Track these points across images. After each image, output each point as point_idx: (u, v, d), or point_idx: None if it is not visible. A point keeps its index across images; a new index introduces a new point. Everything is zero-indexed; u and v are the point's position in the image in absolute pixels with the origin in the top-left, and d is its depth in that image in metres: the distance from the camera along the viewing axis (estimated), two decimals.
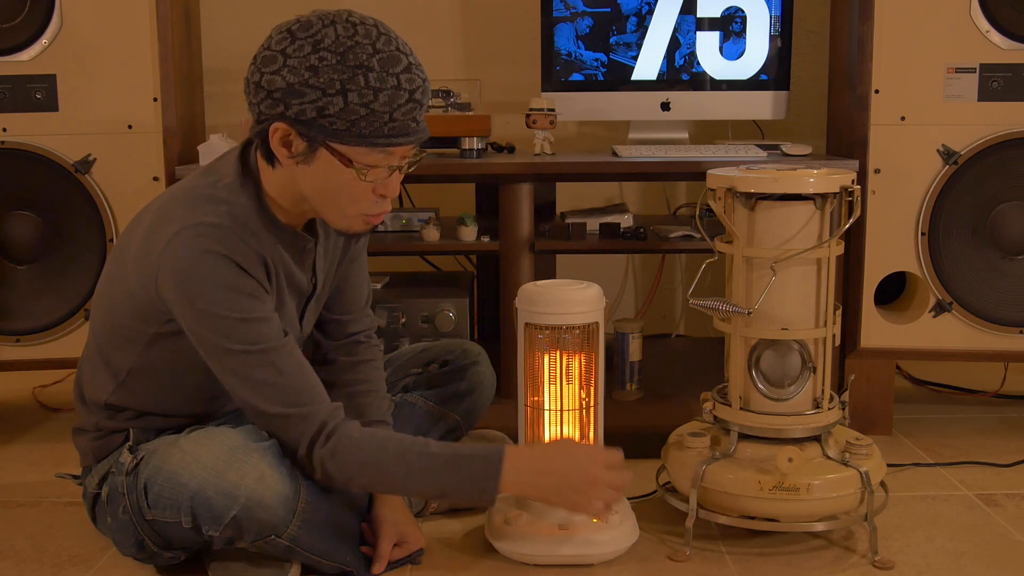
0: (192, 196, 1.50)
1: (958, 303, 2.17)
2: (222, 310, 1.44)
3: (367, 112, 1.40)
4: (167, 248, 1.44)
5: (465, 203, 2.62)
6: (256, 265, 1.48)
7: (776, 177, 1.67)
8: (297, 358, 1.51)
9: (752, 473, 1.65)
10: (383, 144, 1.43)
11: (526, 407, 1.70)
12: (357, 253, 1.74)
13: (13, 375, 2.45)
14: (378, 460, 1.51)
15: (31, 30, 2.12)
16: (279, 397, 1.48)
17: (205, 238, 1.44)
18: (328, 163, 1.44)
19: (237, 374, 1.47)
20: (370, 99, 1.39)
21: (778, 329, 1.68)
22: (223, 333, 1.45)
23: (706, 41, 2.37)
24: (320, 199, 1.49)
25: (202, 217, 1.45)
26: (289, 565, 1.57)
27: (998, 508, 1.87)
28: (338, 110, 1.39)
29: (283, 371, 1.48)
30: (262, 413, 1.49)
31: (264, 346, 1.47)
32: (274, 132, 1.43)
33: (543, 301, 1.64)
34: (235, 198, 1.50)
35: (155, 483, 1.49)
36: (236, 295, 1.45)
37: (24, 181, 2.16)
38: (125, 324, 1.54)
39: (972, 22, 2.10)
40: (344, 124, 1.40)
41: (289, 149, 1.44)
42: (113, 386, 1.59)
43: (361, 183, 1.46)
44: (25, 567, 1.67)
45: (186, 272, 1.43)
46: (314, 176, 1.46)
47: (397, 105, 1.41)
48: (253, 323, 1.46)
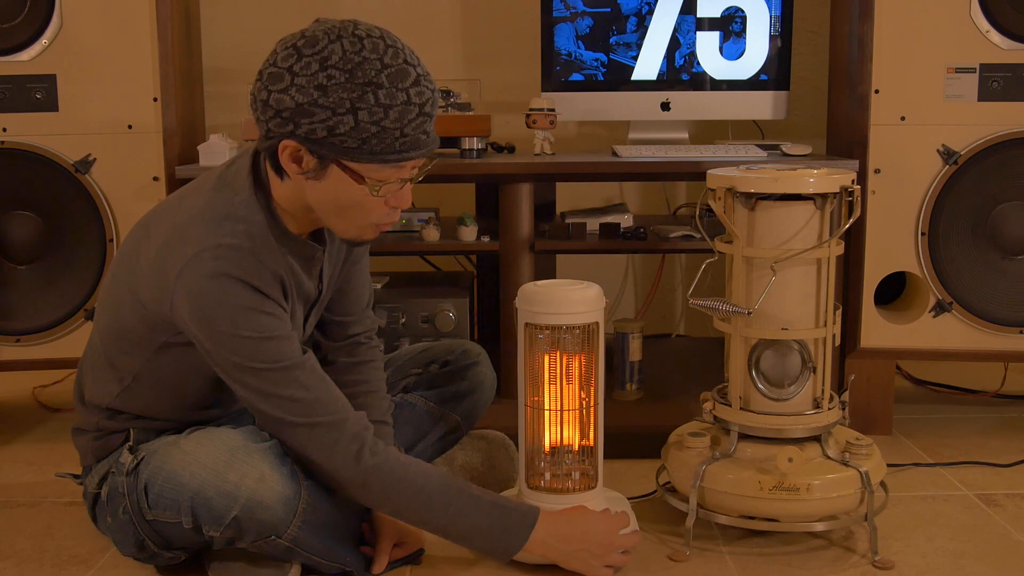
0: (211, 215, 1.47)
1: (958, 303, 2.17)
2: (243, 331, 1.43)
3: (378, 130, 1.39)
4: (184, 269, 1.43)
5: (465, 203, 2.62)
6: (273, 285, 1.48)
7: (776, 177, 1.67)
8: (319, 372, 1.51)
9: (752, 473, 1.65)
10: (395, 160, 1.42)
11: (526, 407, 1.70)
12: (359, 255, 1.74)
13: (13, 375, 2.45)
14: (423, 486, 1.52)
15: (31, 30, 2.12)
16: (306, 411, 1.48)
17: (223, 260, 1.43)
18: (339, 179, 1.43)
19: (261, 391, 1.46)
20: (380, 116, 1.38)
21: (778, 329, 1.68)
22: (245, 354, 1.44)
23: (706, 41, 2.37)
24: (331, 213, 1.49)
25: (221, 239, 1.44)
26: (289, 565, 1.57)
27: (998, 508, 1.87)
28: (349, 129, 1.38)
29: (308, 386, 1.48)
30: (291, 424, 1.48)
31: (287, 363, 1.46)
32: (283, 149, 1.42)
33: (543, 301, 1.64)
34: (252, 215, 1.48)
35: (155, 483, 1.49)
36: (256, 315, 1.44)
37: (24, 181, 2.16)
38: (133, 330, 1.54)
39: (972, 22, 2.10)
40: (355, 143, 1.39)
41: (300, 165, 1.43)
42: (118, 390, 1.58)
43: (373, 198, 1.45)
44: (25, 567, 1.67)
45: (204, 296, 1.42)
46: (325, 191, 1.45)
47: (408, 120, 1.40)
48: (274, 341, 1.46)
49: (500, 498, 1.59)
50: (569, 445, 1.70)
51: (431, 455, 1.86)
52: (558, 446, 1.70)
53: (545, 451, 1.70)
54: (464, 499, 1.54)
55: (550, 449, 1.70)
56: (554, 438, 1.70)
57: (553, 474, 1.70)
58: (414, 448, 1.83)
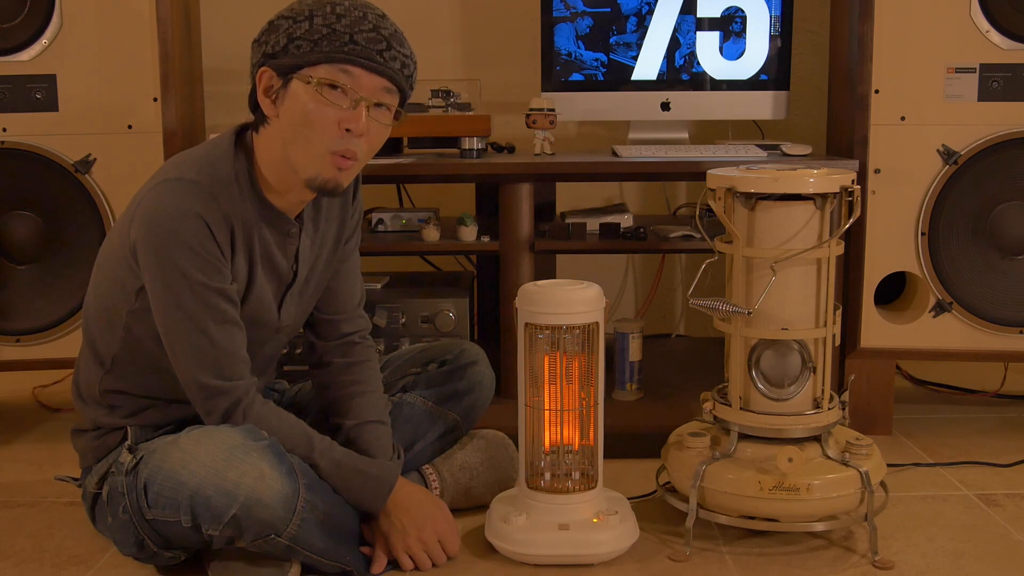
0: (182, 157, 1.58)
1: (958, 303, 2.17)
2: (183, 265, 1.48)
3: (329, 31, 1.47)
4: (147, 196, 1.51)
5: (465, 203, 2.62)
6: (221, 226, 1.51)
7: (776, 177, 1.67)
8: (234, 336, 1.54)
9: (752, 473, 1.65)
10: (341, 60, 1.48)
11: (526, 407, 1.70)
12: (348, 253, 1.75)
13: (13, 375, 2.45)
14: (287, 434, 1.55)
15: (31, 30, 2.12)
16: (209, 366, 1.52)
17: (179, 193, 1.49)
18: (296, 94, 1.49)
19: (176, 331, 1.51)
20: (333, 21, 1.47)
21: (778, 329, 1.68)
22: (176, 288, 1.49)
23: (706, 41, 2.37)
24: (292, 141, 1.52)
25: (183, 173, 1.51)
26: (289, 565, 1.57)
27: (998, 508, 1.87)
28: (304, 32, 1.47)
29: (216, 344, 1.52)
30: (193, 379, 1.52)
31: (208, 316, 1.50)
32: (259, 81, 1.51)
33: (543, 301, 1.64)
34: (222, 164, 1.54)
35: (155, 482, 1.49)
36: (198, 258, 1.49)
37: (24, 181, 2.16)
38: (106, 306, 1.58)
39: (972, 22, 2.10)
40: (308, 45, 1.47)
41: (270, 98, 1.51)
42: (101, 374, 1.62)
43: (325, 109, 1.48)
44: (25, 567, 1.67)
45: (158, 220, 1.48)
46: (287, 114, 1.51)
47: (359, 30, 1.48)
48: (205, 290, 1.50)
49: (360, 461, 1.61)
50: (569, 445, 1.70)
51: (430, 454, 1.86)
52: (558, 446, 1.70)
53: (545, 451, 1.70)
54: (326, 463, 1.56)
55: (550, 449, 1.70)
56: (554, 438, 1.70)
57: (553, 474, 1.70)
58: (413, 447, 1.83)
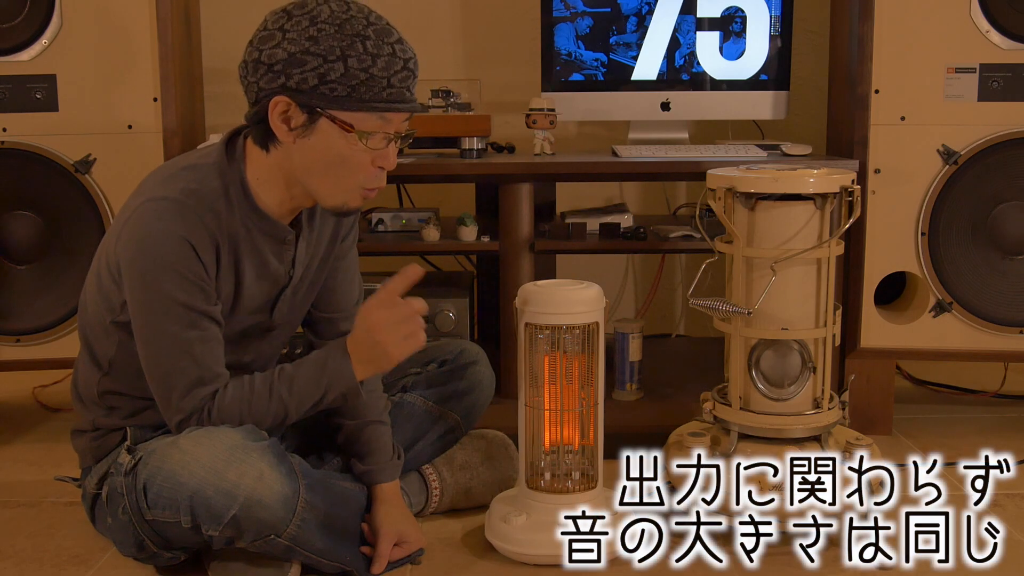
0: (168, 171, 1.55)
1: (958, 303, 2.17)
2: (168, 289, 1.47)
3: (367, 77, 1.44)
4: (131, 217, 1.49)
5: (465, 203, 2.62)
6: (207, 247, 1.50)
7: (776, 177, 1.67)
8: (217, 354, 1.53)
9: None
10: (382, 109, 1.46)
11: (526, 407, 1.70)
12: (344, 251, 1.74)
13: (13, 375, 2.45)
14: (254, 404, 1.53)
15: (31, 30, 2.12)
16: (189, 385, 1.51)
17: (166, 214, 1.48)
18: (327, 134, 1.47)
19: (159, 353, 1.50)
20: (369, 64, 1.43)
21: (778, 329, 1.68)
22: (161, 311, 1.48)
23: (706, 41, 2.37)
24: (318, 174, 1.51)
25: (168, 192, 1.50)
26: (289, 565, 1.57)
27: (998, 508, 1.87)
28: (339, 76, 1.43)
29: (200, 363, 1.51)
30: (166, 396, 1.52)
31: (193, 337, 1.49)
32: (274, 107, 1.46)
33: (543, 301, 1.64)
34: (210, 177, 1.53)
35: (154, 483, 1.49)
36: (185, 280, 1.48)
37: (24, 181, 2.16)
38: (98, 313, 1.58)
39: (972, 22, 2.10)
40: (345, 90, 1.44)
41: (288, 125, 1.47)
42: (99, 376, 1.62)
43: (360, 153, 1.48)
44: (25, 567, 1.67)
45: (144, 244, 1.47)
46: (312, 150, 1.48)
47: (394, 71, 1.46)
48: (191, 312, 1.49)
49: (313, 355, 1.58)
50: (569, 445, 1.70)
51: (431, 454, 1.86)
52: (558, 446, 1.70)
53: (545, 451, 1.70)
54: (288, 382, 1.54)
55: (550, 449, 1.70)
56: (554, 438, 1.70)
57: (553, 474, 1.70)
58: (413, 447, 1.83)
